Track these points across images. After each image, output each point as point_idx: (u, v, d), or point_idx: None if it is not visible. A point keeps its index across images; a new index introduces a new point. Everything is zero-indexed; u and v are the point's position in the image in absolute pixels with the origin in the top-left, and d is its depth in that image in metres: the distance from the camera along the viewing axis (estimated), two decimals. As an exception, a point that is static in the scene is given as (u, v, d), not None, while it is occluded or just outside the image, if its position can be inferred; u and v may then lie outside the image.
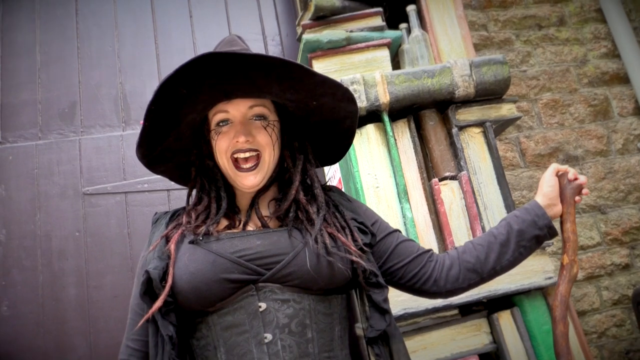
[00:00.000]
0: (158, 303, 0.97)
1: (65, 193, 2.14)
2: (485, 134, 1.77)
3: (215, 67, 0.98)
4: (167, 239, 1.09)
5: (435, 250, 1.66)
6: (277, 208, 1.11)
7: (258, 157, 1.09)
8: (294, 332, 0.99)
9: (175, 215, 1.19)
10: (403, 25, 1.94)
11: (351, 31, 1.84)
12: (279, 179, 1.16)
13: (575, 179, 1.22)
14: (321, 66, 1.83)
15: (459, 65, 1.74)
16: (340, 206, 1.15)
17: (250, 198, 1.14)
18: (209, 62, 0.97)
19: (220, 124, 1.09)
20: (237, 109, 1.08)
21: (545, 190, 1.22)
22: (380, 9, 1.88)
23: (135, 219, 2.15)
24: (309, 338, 1.01)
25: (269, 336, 0.98)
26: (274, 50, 2.44)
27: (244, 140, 1.05)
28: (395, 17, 1.98)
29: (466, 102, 1.76)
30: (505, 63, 1.75)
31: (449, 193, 1.71)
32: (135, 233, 2.14)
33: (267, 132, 1.09)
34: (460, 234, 1.67)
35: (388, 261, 1.17)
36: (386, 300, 1.09)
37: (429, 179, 1.74)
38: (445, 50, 1.88)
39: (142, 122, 1.09)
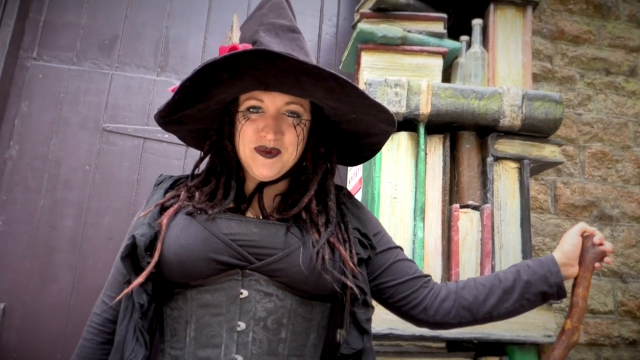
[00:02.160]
0: (140, 279, 0.96)
1: (85, 124, 2.14)
2: (520, 171, 1.69)
3: (265, 61, 0.93)
4: (162, 208, 1.07)
5: (438, 278, 1.61)
6: (283, 205, 1.08)
7: (279, 152, 1.06)
8: (269, 328, 0.98)
9: (178, 182, 1.17)
10: (464, 38, 1.87)
11: (409, 31, 1.77)
12: (294, 176, 1.13)
13: (601, 244, 1.16)
14: (369, 60, 1.77)
15: (511, 93, 1.67)
16: (347, 216, 1.11)
17: (257, 184, 1.11)
18: (260, 55, 0.92)
19: (251, 109, 1.06)
20: (273, 102, 1.05)
21: (566, 248, 1.16)
22: (444, 15, 1.80)
23: (147, 167, 2.14)
24: (282, 338, 0.99)
25: (242, 325, 0.97)
26: (328, 31, 2.38)
27: (272, 138, 1.02)
28: (457, 27, 1.90)
29: (509, 133, 1.69)
30: (560, 103, 1.67)
31: (467, 223, 1.65)
32: (144, 181, 2.13)
33: (296, 131, 1.05)
34: (468, 268, 1.61)
35: (381, 277, 1.14)
36: (369, 320, 1.06)
37: (450, 203, 1.68)
38: (502, 75, 1.80)
39: (171, 89, 1.06)
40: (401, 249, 1.19)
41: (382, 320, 1.53)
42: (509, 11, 1.84)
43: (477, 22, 1.84)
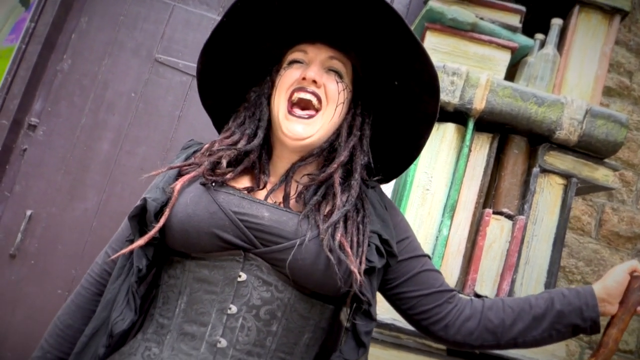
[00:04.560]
0: (141, 241, 0.96)
1: (138, 51, 2.17)
2: (566, 188, 1.63)
3: None
4: (179, 173, 1.05)
5: (454, 280, 1.58)
6: (309, 181, 1.05)
7: (316, 112, 1.04)
8: (261, 317, 0.95)
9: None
10: (539, 36, 1.78)
11: (481, 18, 1.70)
12: (325, 154, 1.08)
13: None
14: (433, 41, 1.71)
15: (575, 106, 1.59)
16: (368, 217, 1.04)
17: (288, 165, 1.07)
18: None
19: (294, 62, 1.06)
20: (316, 53, 1.05)
21: (609, 284, 1.08)
22: (523, 8, 1.71)
23: (191, 106, 2.17)
24: (272, 331, 0.96)
25: (234, 308, 0.94)
26: (402, 1, 2.31)
27: (312, 77, 1.01)
28: (534, 23, 1.81)
29: (562, 146, 1.62)
30: (625, 126, 1.58)
31: (497, 230, 1.61)
32: (185, 119, 2.16)
33: (338, 87, 1.04)
34: (487, 277, 1.59)
35: (403, 285, 1.08)
36: (369, 333, 1.01)
37: (484, 207, 1.64)
38: (570, 83, 1.71)
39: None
40: (429, 257, 1.13)
41: (387, 309, 1.51)
42: (595, 16, 1.74)
43: (556, 22, 1.74)
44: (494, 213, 1.61)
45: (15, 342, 2.00)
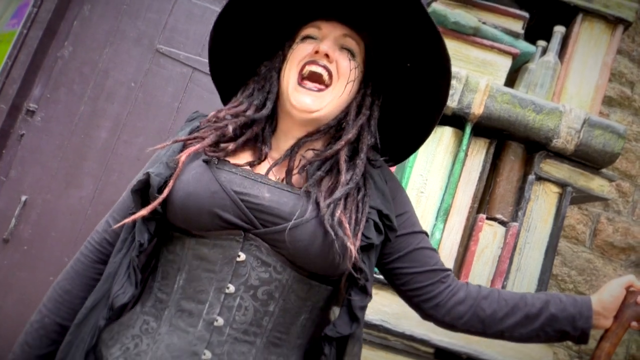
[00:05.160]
0: (144, 211, 0.95)
1: (140, 40, 2.18)
2: (561, 197, 1.63)
3: None
4: (183, 146, 1.04)
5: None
6: (314, 156, 1.04)
7: (326, 87, 1.04)
8: (258, 298, 0.96)
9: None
10: (541, 43, 1.77)
11: (483, 22, 1.70)
12: (332, 132, 1.08)
13: None
14: (434, 43, 1.71)
15: (573, 115, 1.59)
16: (369, 193, 1.04)
17: (293, 140, 1.06)
18: None
19: (307, 38, 1.08)
20: (330, 30, 1.06)
21: (605, 297, 1.08)
22: (526, 15, 1.71)
23: (190, 98, 2.18)
24: (269, 311, 0.97)
25: (232, 288, 0.95)
26: None
27: (324, 51, 1.02)
28: (536, 30, 1.80)
29: (559, 155, 1.62)
30: (622, 137, 1.58)
31: (490, 236, 1.61)
32: (184, 111, 2.17)
33: (349, 65, 1.05)
34: (478, 281, 1.59)
35: (398, 261, 1.09)
36: (363, 308, 1.02)
37: (478, 212, 1.65)
38: (570, 92, 1.71)
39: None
40: (426, 234, 1.14)
41: (377, 310, 1.53)
42: (598, 26, 1.74)
43: (559, 30, 1.74)
44: (487, 219, 1.61)
45: (6, 327, 2.01)
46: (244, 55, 1.16)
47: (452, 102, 1.59)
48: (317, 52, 1.03)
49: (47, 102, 2.11)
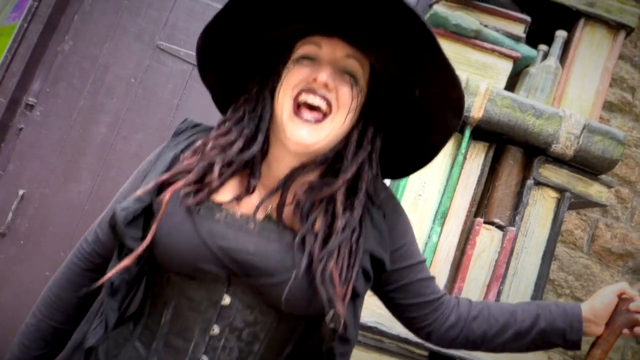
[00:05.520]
0: (126, 262, 0.90)
1: (140, 36, 2.17)
2: (559, 202, 1.63)
3: None
4: (162, 185, 0.96)
5: (440, 287, 1.59)
6: (309, 195, 0.96)
7: (324, 117, 0.94)
8: (243, 339, 0.95)
9: (197, 138, 1.05)
10: (542, 47, 1.77)
11: (485, 25, 1.70)
12: (329, 164, 1.00)
13: (638, 312, 1.07)
14: (435, 46, 1.71)
15: (573, 120, 1.59)
16: (363, 236, 0.98)
17: (286, 169, 0.98)
18: None
19: (305, 57, 0.96)
20: (331, 49, 0.94)
21: (596, 305, 1.08)
22: (528, 18, 1.71)
23: (190, 95, 2.17)
24: (254, 351, 0.96)
25: (217, 329, 0.94)
26: (408, 2, 2.31)
27: (323, 81, 0.91)
28: (538, 34, 1.80)
29: (558, 160, 1.62)
30: (622, 144, 1.58)
31: (487, 240, 1.61)
32: (183, 107, 2.16)
33: (351, 93, 0.94)
34: (474, 286, 1.59)
35: (394, 292, 1.08)
36: (344, 355, 0.98)
37: (476, 215, 1.65)
38: (570, 97, 1.71)
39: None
40: (424, 263, 1.11)
41: (372, 312, 1.53)
42: (599, 31, 1.73)
43: (560, 34, 1.74)
44: (485, 222, 1.62)
45: (1, 321, 2.01)
46: (236, 62, 1.05)
47: (452, 105, 1.59)
48: (315, 79, 0.92)
49: (46, 97, 2.11)
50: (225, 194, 0.97)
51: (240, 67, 1.04)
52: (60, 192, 2.08)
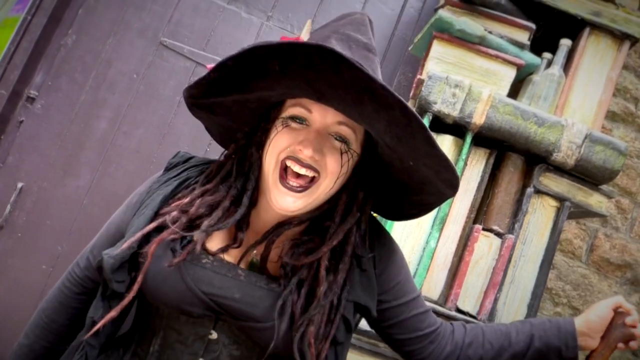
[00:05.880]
0: (113, 313, 0.93)
1: (144, 33, 2.17)
2: (558, 211, 1.63)
3: (326, 64, 0.79)
4: (148, 235, 0.96)
5: (437, 293, 1.59)
6: (290, 256, 0.95)
7: (312, 181, 0.93)
8: None
9: (184, 182, 1.05)
10: (546, 55, 1.77)
11: (489, 32, 1.69)
12: (316, 218, 1.00)
13: (633, 326, 1.08)
14: (439, 50, 1.71)
15: (574, 130, 1.58)
16: (346, 290, 0.98)
17: (273, 220, 0.99)
18: (324, 54, 0.78)
19: (295, 119, 0.94)
20: (322, 116, 0.92)
21: (591, 318, 1.10)
22: (533, 26, 1.71)
23: (192, 92, 2.17)
24: None
25: None
26: (414, 5, 2.30)
27: (309, 156, 0.90)
28: (542, 42, 1.80)
29: (559, 169, 1.62)
30: (623, 155, 1.58)
31: (485, 247, 1.61)
32: (184, 105, 2.15)
33: (341, 159, 0.93)
34: (471, 292, 1.59)
35: (389, 328, 1.10)
36: None
37: (474, 222, 1.65)
38: (573, 106, 1.70)
39: (208, 67, 0.97)
40: (418, 298, 1.11)
41: (367, 316, 1.53)
42: (604, 41, 1.73)
43: (565, 43, 1.74)
44: (483, 229, 1.61)
45: (-4, 313, 2.01)
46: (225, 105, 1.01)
47: (454, 111, 1.59)
48: (301, 150, 0.90)
49: (47, 90, 2.11)
50: (213, 242, 0.98)
51: (231, 110, 1.01)
52: (58, 186, 2.08)
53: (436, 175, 0.93)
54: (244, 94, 0.94)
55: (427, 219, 1.62)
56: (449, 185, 0.95)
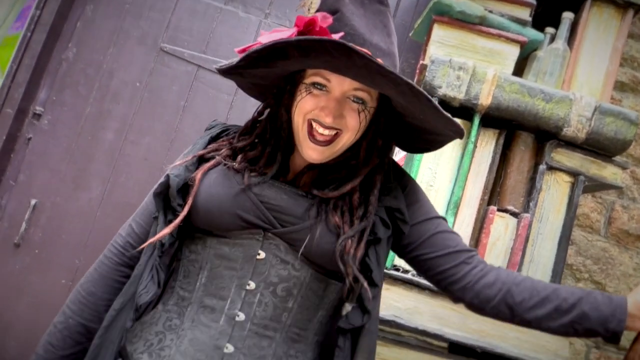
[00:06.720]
0: (167, 230, 1.02)
1: (144, 40, 2.19)
2: (573, 186, 1.63)
3: (340, 53, 0.91)
4: (200, 159, 1.10)
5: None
6: (322, 181, 1.08)
7: (336, 135, 1.04)
8: (277, 294, 1.01)
9: (225, 132, 1.19)
10: (549, 30, 1.76)
11: (490, 11, 1.69)
12: (344, 155, 1.11)
13: None
14: (440, 34, 1.71)
15: (583, 103, 1.58)
16: (376, 196, 1.08)
17: (306, 164, 1.11)
18: (338, 47, 0.90)
19: (316, 85, 1.04)
20: (340, 84, 1.03)
21: None
22: (533, 1, 1.70)
23: (196, 96, 2.19)
24: (288, 307, 1.02)
25: (252, 284, 1.01)
26: (411, -10, 2.30)
27: (330, 121, 1.01)
28: (544, 17, 1.79)
29: (570, 144, 1.61)
30: (635, 124, 1.57)
31: (502, 228, 1.61)
32: (190, 109, 2.18)
33: (359, 117, 1.04)
34: (490, 274, 1.59)
35: (418, 249, 1.11)
36: (374, 298, 1.04)
37: (489, 204, 1.65)
38: (580, 79, 1.70)
39: (238, 51, 1.05)
40: (443, 219, 1.15)
41: (389, 306, 1.54)
42: (607, 10, 1.72)
43: (567, 16, 1.73)
44: (498, 210, 1.61)
45: (19, 331, 2.05)
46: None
47: (460, 93, 1.59)
48: (323, 111, 1.02)
49: (52, 105, 2.14)
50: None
51: (259, 75, 1.11)
52: (71, 200, 2.11)
53: (444, 127, 1.06)
54: (269, 69, 1.05)
55: (441, 204, 1.62)
56: (456, 132, 1.06)
